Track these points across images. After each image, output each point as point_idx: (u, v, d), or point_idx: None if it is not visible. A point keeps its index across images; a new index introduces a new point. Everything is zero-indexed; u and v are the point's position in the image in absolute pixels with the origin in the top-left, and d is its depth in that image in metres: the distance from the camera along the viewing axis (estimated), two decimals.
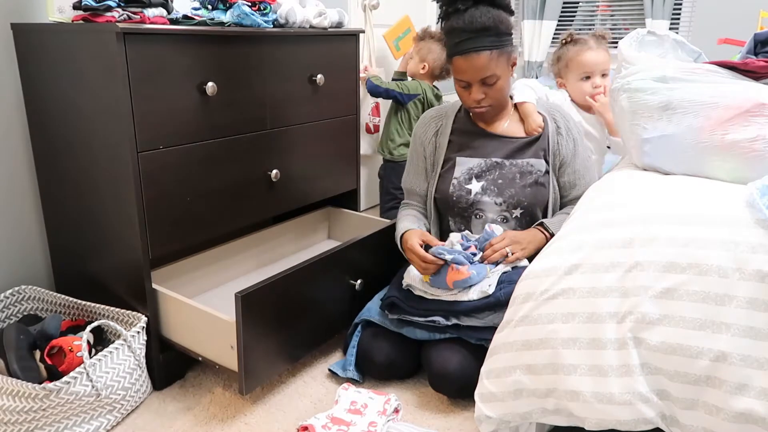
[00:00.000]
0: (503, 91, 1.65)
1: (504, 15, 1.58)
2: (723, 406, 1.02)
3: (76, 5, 1.46)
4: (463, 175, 1.71)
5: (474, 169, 1.71)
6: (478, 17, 1.53)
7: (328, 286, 1.67)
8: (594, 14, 3.72)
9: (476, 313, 1.52)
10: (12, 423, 1.35)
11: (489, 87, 1.62)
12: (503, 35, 1.58)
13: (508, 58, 1.62)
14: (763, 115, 1.23)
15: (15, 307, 1.68)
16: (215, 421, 1.51)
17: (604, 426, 1.12)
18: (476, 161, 1.71)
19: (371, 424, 1.41)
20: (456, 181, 1.71)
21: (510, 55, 1.62)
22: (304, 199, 1.99)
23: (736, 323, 1.02)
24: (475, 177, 1.70)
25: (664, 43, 1.53)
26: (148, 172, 1.48)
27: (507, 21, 1.59)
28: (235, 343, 1.43)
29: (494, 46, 1.56)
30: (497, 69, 1.59)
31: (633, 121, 1.38)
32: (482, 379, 1.28)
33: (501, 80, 1.62)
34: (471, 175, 1.71)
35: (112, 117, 1.44)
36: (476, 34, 1.54)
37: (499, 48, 1.57)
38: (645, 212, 1.18)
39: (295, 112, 1.89)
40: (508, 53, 1.61)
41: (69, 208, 1.64)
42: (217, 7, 1.68)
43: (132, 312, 1.57)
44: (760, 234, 1.05)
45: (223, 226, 1.72)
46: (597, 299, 1.13)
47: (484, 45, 1.55)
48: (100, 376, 1.41)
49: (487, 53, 1.56)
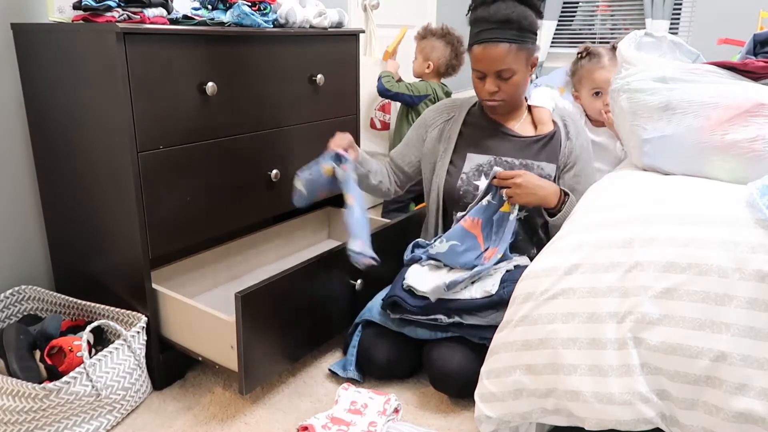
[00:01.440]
0: (518, 87, 1.64)
1: (529, 12, 1.57)
2: (723, 406, 1.02)
3: (76, 5, 1.46)
4: (472, 171, 1.72)
5: (484, 166, 1.71)
6: (503, 9, 1.54)
7: (328, 286, 1.67)
8: (594, 14, 3.72)
9: (479, 312, 1.52)
10: (12, 423, 1.35)
11: (504, 81, 1.61)
12: (525, 31, 1.57)
13: (528, 56, 1.61)
14: (762, 115, 1.23)
15: (15, 307, 1.68)
16: (215, 421, 1.51)
17: (604, 426, 1.12)
18: (486, 158, 1.72)
19: (371, 424, 1.41)
20: (465, 176, 1.72)
21: (530, 54, 1.61)
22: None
23: (736, 323, 1.02)
24: (485, 174, 1.70)
25: (661, 45, 1.53)
26: (148, 172, 1.48)
27: (532, 19, 1.57)
28: (235, 343, 1.43)
29: (514, 39, 1.55)
30: (514, 63, 1.58)
31: (633, 121, 1.38)
32: (482, 379, 1.28)
33: (517, 76, 1.61)
34: (481, 171, 1.71)
35: (112, 117, 1.44)
36: (497, 25, 1.54)
37: (518, 43, 1.56)
38: (645, 212, 1.18)
39: (295, 112, 1.89)
40: (528, 51, 1.60)
41: (69, 208, 1.64)
42: (217, 7, 1.68)
43: (132, 312, 1.58)
44: (760, 234, 1.05)
45: (223, 226, 1.72)
46: (597, 299, 1.13)
47: (504, 37, 1.55)
48: (100, 376, 1.41)
49: (505, 45, 1.55)
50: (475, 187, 1.70)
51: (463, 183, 1.72)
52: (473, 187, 1.70)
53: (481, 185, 1.68)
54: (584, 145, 1.76)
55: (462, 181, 1.72)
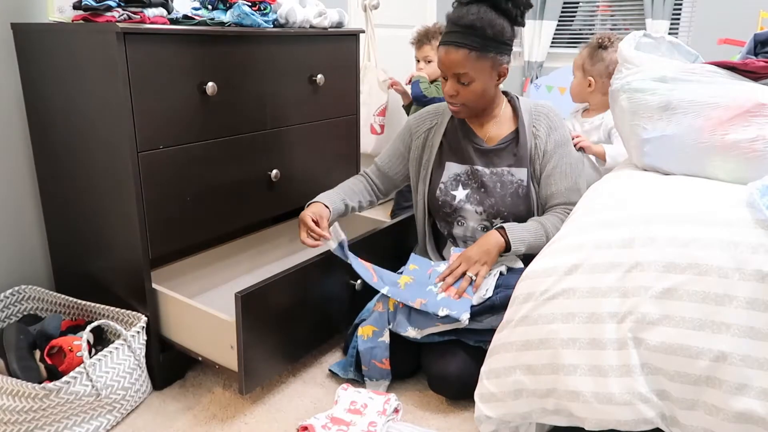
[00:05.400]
0: (478, 95, 1.60)
1: (499, 21, 1.53)
2: (723, 406, 1.02)
3: (76, 5, 1.45)
4: (450, 180, 1.71)
5: (461, 176, 1.71)
6: (470, 14, 1.52)
7: (328, 286, 1.67)
8: (594, 14, 3.72)
9: (474, 317, 1.51)
10: (12, 423, 1.35)
11: (463, 86, 1.58)
12: (490, 40, 1.52)
13: (492, 65, 1.56)
14: (763, 115, 1.23)
15: (15, 307, 1.68)
16: (215, 421, 1.51)
17: (604, 426, 1.12)
18: (462, 168, 1.71)
19: (371, 424, 1.41)
20: (443, 185, 1.72)
21: (495, 63, 1.56)
22: (304, 199, 1.98)
23: (736, 323, 1.02)
24: (462, 184, 1.70)
25: (660, 46, 1.53)
26: (148, 172, 1.48)
27: (499, 27, 1.53)
28: (235, 343, 1.43)
29: (474, 47, 1.52)
30: (473, 70, 1.55)
31: (633, 121, 1.38)
32: (482, 380, 1.28)
33: (476, 83, 1.57)
34: (458, 181, 1.71)
35: (112, 117, 1.44)
36: (461, 30, 1.53)
37: (479, 51, 1.52)
38: (645, 212, 1.18)
39: (295, 112, 1.89)
40: (492, 60, 1.55)
41: (69, 208, 1.64)
42: (217, 7, 1.68)
43: (132, 312, 1.57)
44: (760, 234, 1.05)
45: (223, 226, 1.72)
46: (597, 299, 1.13)
47: (465, 42, 1.52)
48: (100, 376, 1.41)
49: (464, 51, 1.53)
50: (452, 197, 1.69)
51: (441, 193, 1.71)
52: (450, 197, 1.70)
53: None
54: (558, 141, 1.68)
55: (440, 191, 1.71)
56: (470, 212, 1.69)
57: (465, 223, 1.70)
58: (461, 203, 1.69)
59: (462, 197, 1.69)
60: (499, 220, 1.67)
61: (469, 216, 1.69)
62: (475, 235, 1.70)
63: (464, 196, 1.69)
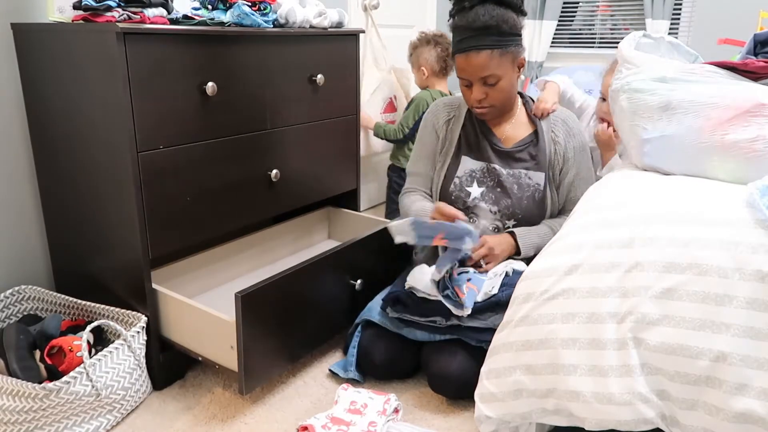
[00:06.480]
0: (505, 92, 1.62)
1: (509, 14, 1.54)
2: (723, 406, 1.02)
3: (76, 5, 1.45)
4: (466, 176, 1.71)
5: (476, 173, 1.70)
6: (481, 16, 1.52)
7: (328, 286, 1.67)
8: (594, 14, 3.72)
9: (478, 314, 1.52)
10: (12, 423, 1.35)
11: (490, 87, 1.60)
12: (506, 35, 1.54)
13: (513, 59, 1.59)
14: (762, 115, 1.23)
15: (15, 307, 1.68)
16: (215, 421, 1.51)
17: (604, 426, 1.12)
18: (478, 164, 1.71)
19: (371, 424, 1.41)
20: (458, 180, 1.71)
21: (515, 56, 1.59)
22: (304, 199, 1.99)
23: (736, 323, 1.02)
24: (477, 181, 1.70)
25: (659, 46, 1.53)
26: (148, 172, 1.48)
27: (512, 20, 1.55)
28: (235, 343, 1.43)
29: (495, 45, 1.54)
30: (498, 69, 1.56)
31: (633, 121, 1.38)
32: (482, 380, 1.28)
33: (503, 81, 1.59)
34: (474, 178, 1.70)
35: (112, 117, 1.44)
36: (477, 33, 1.53)
37: (500, 48, 1.54)
38: (645, 212, 1.18)
39: (295, 112, 1.89)
40: (513, 53, 1.57)
41: (69, 208, 1.64)
42: (217, 7, 1.68)
43: (132, 312, 1.57)
44: (761, 234, 1.05)
45: (223, 226, 1.72)
46: (597, 299, 1.13)
47: (485, 44, 1.53)
48: (100, 376, 1.41)
49: (487, 52, 1.54)
50: (467, 194, 1.69)
51: (456, 188, 1.71)
52: (465, 193, 1.70)
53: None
54: (577, 147, 1.72)
55: (455, 186, 1.71)
56: (485, 210, 1.68)
57: (477, 220, 1.70)
58: (476, 201, 1.69)
59: (477, 195, 1.69)
60: (512, 222, 1.67)
61: (483, 214, 1.69)
62: (485, 234, 1.70)
63: (479, 194, 1.68)
